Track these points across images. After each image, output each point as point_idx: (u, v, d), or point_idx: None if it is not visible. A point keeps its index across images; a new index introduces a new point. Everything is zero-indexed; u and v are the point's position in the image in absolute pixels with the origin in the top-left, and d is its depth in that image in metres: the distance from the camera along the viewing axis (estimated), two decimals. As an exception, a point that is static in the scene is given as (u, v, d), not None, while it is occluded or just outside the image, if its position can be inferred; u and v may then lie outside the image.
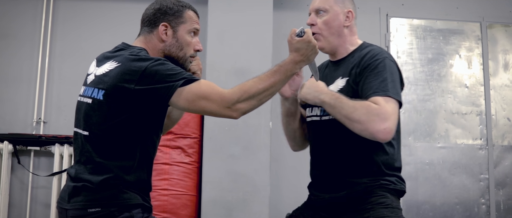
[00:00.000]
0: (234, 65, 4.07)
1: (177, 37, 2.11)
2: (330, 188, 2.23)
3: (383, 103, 2.05)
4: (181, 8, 2.13)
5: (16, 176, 4.30)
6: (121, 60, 1.96)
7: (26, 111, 4.40)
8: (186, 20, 2.12)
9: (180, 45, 2.12)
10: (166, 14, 2.10)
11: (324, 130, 2.25)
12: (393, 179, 2.20)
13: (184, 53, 2.13)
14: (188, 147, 3.93)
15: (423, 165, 4.55)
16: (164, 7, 2.11)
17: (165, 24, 2.10)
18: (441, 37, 4.73)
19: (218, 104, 1.91)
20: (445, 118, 4.63)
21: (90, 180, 1.93)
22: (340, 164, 2.21)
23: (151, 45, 2.11)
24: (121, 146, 1.96)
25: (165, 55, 2.10)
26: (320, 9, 2.30)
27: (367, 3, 4.74)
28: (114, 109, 1.93)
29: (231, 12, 4.16)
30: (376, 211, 2.10)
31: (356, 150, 2.18)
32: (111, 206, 1.91)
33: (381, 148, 2.19)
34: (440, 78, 4.67)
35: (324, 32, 2.28)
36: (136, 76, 1.89)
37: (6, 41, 4.48)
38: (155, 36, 2.11)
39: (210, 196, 3.90)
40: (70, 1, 4.57)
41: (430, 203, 4.49)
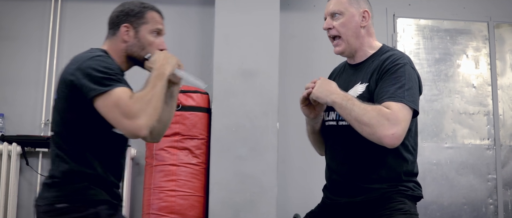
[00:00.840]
0: (241, 66, 4.08)
1: (139, 37, 2.15)
2: (347, 192, 2.20)
3: (396, 108, 2.02)
4: (143, 9, 2.18)
5: (25, 178, 4.32)
6: (71, 60, 2.07)
7: (34, 112, 4.42)
8: (148, 21, 2.17)
9: (142, 45, 2.15)
10: (128, 16, 2.16)
11: (341, 135, 2.22)
12: (411, 184, 2.19)
13: (146, 53, 2.16)
14: (196, 148, 3.93)
15: (431, 165, 4.54)
16: (126, 9, 2.18)
17: (127, 25, 2.15)
18: (448, 37, 4.72)
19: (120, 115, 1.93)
20: (453, 118, 4.62)
21: (57, 176, 2.02)
22: (357, 169, 2.18)
23: (114, 47, 2.16)
24: (77, 142, 2.02)
25: (127, 55, 2.16)
26: (336, 12, 2.26)
27: (374, 4, 4.69)
28: (62, 105, 2.03)
29: (237, 13, 4.16)
30: (394, 217, 2.09)
31: (374, 156, 2.14)
32: (76, 202, 1.98)
33: (399, 154, 2.16)
34: (448, 78, 4.66)
35: (342, 35, 2.26)
36: (76, 70, 1.97)
37: (15, 44, 4.50)
38: (117, 38, 2.16)
39: (218, 197, 3.91)
40: (78, 3, 4.59)
41: (438, 203, 4.49)
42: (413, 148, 2.25)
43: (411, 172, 2.21)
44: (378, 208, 2.11)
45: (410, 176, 2.20)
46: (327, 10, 2.29)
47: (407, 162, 2.19)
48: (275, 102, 4.03)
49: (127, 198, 4.08)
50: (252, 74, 4.05)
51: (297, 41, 4.57)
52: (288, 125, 4.32)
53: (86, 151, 2.02)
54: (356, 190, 2.16)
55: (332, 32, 2.26)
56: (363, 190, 2.15)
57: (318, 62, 4.47)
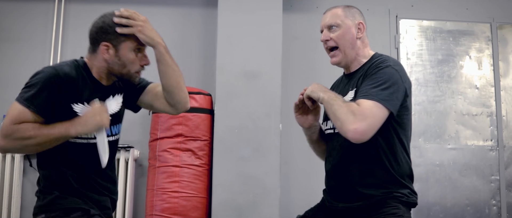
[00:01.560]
0: (243, 68, 4.08)
1: (119, 55, 2.11)
2: (344, 197, 2.26)
3: (365, 105, 2.08)
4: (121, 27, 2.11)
5: (28, 179, 4.32)
6: None
7: (38, 114, 4.43)
8: (127, 39, 2.11)
9: (122, 63, 2.12)
10: (107, 33, 2.10)
11: (338, 141, 2.27)
12: (406, 191, 2.22)
13: (128, 71, 2.13)
14: (199, 150, 3.93)
15: (434, 167, 4.53)
16: (105, 26, 2.11)
17: (106, 44, 2.10)
18: (451, 38, 4.72)
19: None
20: (456, 119, 4.61)
21: (40, 188, 2.11)
22: (354, 175, 2.23)
23: (95, 63, 2.14)
24: (47, 152, 2.06)
25: (109, 72, 2.14)
26: (332, 24, 2.33)
27: (377, 5, 4.73)
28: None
29: (240, 15, 4.17)
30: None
31: (369, 162, 2.20)
32: (52, 211, 2.04)
33: (393, 159, 2.21)
34: (450, 79, 4.66)
35: (340, 46, 2.32)
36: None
37: (18, 45, 4.51)
38: (98, 55, 2.12)
39: (221, 198, 3.91)
40: (81, 5, 4.60)
41: (441, 205, 4.48)
42: (407, 151, 2.29)
43: (406, 175, 2.25)
44: (373, 212, 2.16)
45: (405, 180, 2.25)
46: (323, 23, 2.37)
47: (400, 166, 2.23)
48: (278, 103, 4.03)
49: (130, 199, 4.09)
50: (255, 76, 4.05)
51: (299, 42, 4.57)
52: (291, 126, 4.31)
53: (55, 161, 2.08)
54: (352, 195, 2.22)
55: (330, 44, 2.33)
56: (359, 196, 2.20)
57: (321, 63, 4.46)
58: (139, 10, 4.58)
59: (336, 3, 4.70)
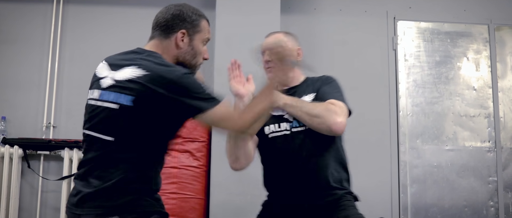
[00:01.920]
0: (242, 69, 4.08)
1: (193, 45, 2.14)
2: (309, 196, 2.46)
3: (340, 104, 2.45)
4: (198, 18, 2.16)
5: (26, 180, 4.33)
6: (148, 68, 1.96)
7: (36, 115, 4.44)
8: (202, 30, 2.16)
9: (194, 54, 2.15)
10: (185, 22, 2.12)
11: (299, 140, 2.48)
12: (350, 188, 2.59)
13: (196, 62, 2.16)
14: (197, 151, 3.94)
15: (431, 168, 4.54)
16: (183, 14, 2.13)
17: (184, 32, 2.11)
18: (449, 40, 4.72)
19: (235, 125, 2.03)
20: (453, 121, 4.62)
21: (109, 186, 1.91)
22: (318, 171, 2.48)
23: (166, 51, 2.11)
24: (144, 152, 1.96)
25: (178, 61, 2.12)
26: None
27: (374, 6, 4.74)
28: (142, 115, 1.93)
29: (238, 16, 4.17)
30: (349, 211, 2.44)
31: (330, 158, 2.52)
32: (128, 213, 1.90)
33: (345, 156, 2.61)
34: (448, 81, 4.67)
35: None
36: (168, 84, 1.91)
37: (16, 46, 4.52)
38: (171, 42, 2.12)
39: (219, 200, 3.91)
40: (79, 6, 4.60)
41: (439, 206, 4.49)
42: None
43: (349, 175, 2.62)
44: (335, 206, 2.45)
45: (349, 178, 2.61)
46: (265, 46, 2.65)
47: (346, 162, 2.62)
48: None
49: (128, 200, 4.09)
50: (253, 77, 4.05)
51: (297, 44, 4.58)
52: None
53: (149, 162, 1.99)
54: (320, 193, 2.47)
55: (272, 64, 2.47)
56: (326, 192, 2.47)
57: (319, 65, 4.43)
58: (138, 11, 4.64)
59: (333, 5, 4.73)
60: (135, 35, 4.22)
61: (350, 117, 2.53)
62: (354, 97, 4.19)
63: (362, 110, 4.55)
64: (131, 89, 1.94)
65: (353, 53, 4.64)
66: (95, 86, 2.09)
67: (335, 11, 4.73)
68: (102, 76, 2.08)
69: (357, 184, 4.35)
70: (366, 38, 4.70)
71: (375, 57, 4.67)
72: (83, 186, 1.98)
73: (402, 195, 4.46)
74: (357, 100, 4.45)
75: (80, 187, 1.99)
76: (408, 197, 4.46)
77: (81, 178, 2.02)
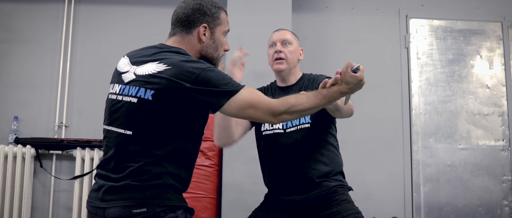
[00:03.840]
0: (253, 68, 4.07)
1: (214, 38, 2.16)
2: (302, 189, 2.63)
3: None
4: (218, 10, 2.18)
5: (39, 180, 4.34)
6: (172, 63, 1.96)
7: (48, 115, 4.45)
8: (222, 22, 2.19)
9: (216, 46, 2.17)
10: (205, 15, 2.14)
11: (289, 139, 2.67)
12: (344, 180, 2.73)
13: (218, 54, 2.18)
14: (208, 150, 3.93)
15: (445, 167, 4.51)
16: (203, 8, 2.14)
17: (205, 25, 2.13)
18: (462, 38, 4.69)
19: (264, 113, 2.03)
20: (467, 119, 4.58)
21: (134, 179, 1.91)
22: (311, 166, 2.64)
23: (189, 46, 2.13)
24: (166, 146, 1.95)
25: (201, 55, 2.14)
26: (287, 41, 2.85)
27: (386, 4, 4.71)
28: (163, 109, 1.93)
29: (249, 15, 4.16)
30: (342, 206, 2.58)
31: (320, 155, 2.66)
32: (156, 207, 1.90)
33: (337, 151, 2.74)
34: (461, 79, 4.63)
35: (288, 60, 2.81)
36: (192, 77, 1.92)
37: (29, 47, 4.54)
38: (193, 37, 2.13)
39: (230, 199, 3.90)
40: (90, 6, 4.61)
41: (452, 205, 4.45)
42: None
43: (342, 167, 2.75)
44: (328, 200, 2.59)
45: (342, 170, 2.74)
46: (277, 37, 2.86)
47: (339, 157, 2.75)
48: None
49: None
50: (264, 76, 4.03)
51: (309, 42, 4.56)
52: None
53: (172, 156, 1.96)
54: (310, 186, 2.62)
55: (282, 55, 2.80)
56: (316, 185, 2.61)
57: (331, 63, 4.45)
58: (149, 11, 4.65)
59: (344, 3, 4.71)
60: (147, 34, 4.24)
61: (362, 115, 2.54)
62: (366, 96, 4.19)
63: (374, 108, 4.54)
64: (153, 84, 1.94)
65: (365, 51, 4.62)
66: (116, 81, 2.09)
67: (347, 9, 4.71)
68: (124, 71, 2.08)
69: (370, 183, 4.35)
70: (378, 36, 4.68)
71: (387, 56, 4.64)
72: (107, 180, 1.97)
73: (415, 194, 4.43)
74: (369, 99, 4.46)
75: (104, 181, 1.99)
76: (421, 196, 4.44)
77: (103, 173, 2.01)
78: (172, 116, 1.94)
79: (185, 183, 2.05)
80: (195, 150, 2.09)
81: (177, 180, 1.98)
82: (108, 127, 2.05)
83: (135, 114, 1.96)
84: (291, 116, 2.09)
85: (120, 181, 1.93)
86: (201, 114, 2.05)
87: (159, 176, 1.93)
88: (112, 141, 2.01)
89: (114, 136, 2.00)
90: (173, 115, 1.94)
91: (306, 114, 2.16)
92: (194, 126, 2.04)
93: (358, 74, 2.10)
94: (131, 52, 2.17)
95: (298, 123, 2.66)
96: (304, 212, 2.62)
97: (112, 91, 2.08)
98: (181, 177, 2.01)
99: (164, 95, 1.92)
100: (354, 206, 2.62)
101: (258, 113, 2.01)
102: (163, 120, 1.93)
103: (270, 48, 2.88)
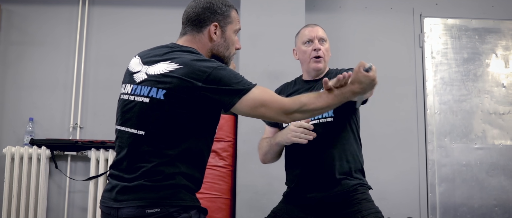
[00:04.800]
0: (266, 68, 4.07)
1: (225, 37, 2.15)
2: (321, 187, 2.59)
3: None
4: (228, 8, 2.17)
5: (54, 181, 4.37)
6: (183, 62, 1.96)
7: (63, 116, 4.48)
8: (233, 20, 2.17)
9: (227, 45, 2.16)
10: (216, 14, 2.13)
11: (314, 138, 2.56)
12: (365, 179, 2.68)
13: (229, 52, 2.17)
14: (222, 151, 3.93)
15: (460, 167, 4.47)
16: (214, 6, 2.13)
17: (216, 24, 2.12)
18: (477, 36, 4.65)
19: (276, 112, 2.01)
20: (482, 119, 4.54)
21: (147, 179, 1.91)
22: (329, 163, 2.59)
23: (200, 45, 2.12)
24: (179, 146, 1.94)
25: (212, 54, 2.13)
26: (323, 38, 2.79)
27: (400, 3, 4.69)
28: (176, 108, 1.92)
29: (263, 15, 4.16)
30: (362, 205, 2.54)
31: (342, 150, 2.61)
32: (170, 207, 1.90)
33: (359, 147, 2.69)
34: (476, 78, 4.60)
35: (326, 57, 2.78)
36: (204, 76, 1.91)
37: (43, 49, 4.57)
38: (204, 36, 2.12)
39: (245, 199, 3.90)
40: (104, 8, 4.63)
41: (468, 205, 4.42)
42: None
43: (363, 165, 2.70)
44: (347, 199, 2.55)
45: (362, 169, 2.69)
46: (316, 34, 2.78)
47: (360, 155, 2.69)
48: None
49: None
50: (278, 76, 4.03)
51: (323, 42, 4.55)
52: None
53: (184, 156, 1.96)
54: (331, 183, 2.57)
55: (320, 53, 2.74)
56: (336, 183, 2.56)
57: (344, 63, 4.41)
58: (162, 12, 4.66)
59: (358, 3, 4.69)
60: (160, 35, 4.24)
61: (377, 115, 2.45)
62: (381, 96, 4.17)
63: (389, 108, 4.52)
64: (165, 83, 1.93)
65: (379, 51, 4.59)
66: (128, 81, 2.09)
67: (361, 9, 4.69)
68: (136, 71, 2.08)
69: (384, 183, 4.33)
70: (392, 36, 4.65)
71: (401, 55, 4.61)
72: (120, 181, 1.97)
73: (430, 194, 4.40)
74: (384, 99, 4.43)
75: (117, 181, 1.99)
76: (437, 196, 4.40)
77: (116, 174, 2.01)
78: (184, 115, 1.93)
79: (198, 183, 2.05)
80: (207, 150, 2.08)
81: (190, 180, 1.98)
82: (120, 127, 2.05)
83: (147, 114, 1.95)
84: (303, 115, 2.06)
85: (133, 181, 1.93)
86: (213, 113, 2.04)
87: (172, 176, 1.92)
88: (125, 141, 2.01)
89: (127, 136, 2.00)
90: (185, 115, 1.93)
91: (318, 113, 2.13)
92: (206, 125, 2.03)
93: (370, 73, 2.07)
94: (143, 52, 2.17)
95: (321, 116, 2.59)
96: (324, 210, 2.58)
97: (124, 92, 2.08)
98: (194, 177, 2.00)
99: (176, 95, 1.92)
100: (374, 206, 2.58)
101: (270, 111, 1.99)
102: (175, 119, 1.93)
103: (306, 45, 2.78)
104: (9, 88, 4.51)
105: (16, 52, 4.56)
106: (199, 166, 2.04)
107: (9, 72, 4.53)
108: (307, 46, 2.77)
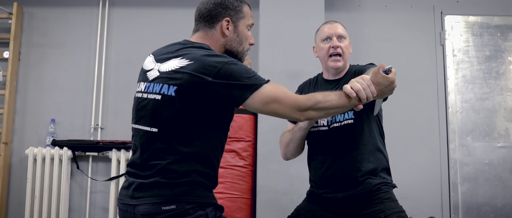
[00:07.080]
0: (286, 68, 4.06)
1: (238, 32, 2.14)
2: (346, 186, 2.55)
3: None
4: (240, 4, 2.16)
5: (76, 181, 4.40)
6: (194, 58, 1.96)
7: (84, 117, 4.51)
8: (245, 15, 2.16)
9: (240, 40, 2.15)
10: (228, 9, 2.12)
11: (333, 136, 2.59)
12: (389, 178, 2.64)
13: (243, 48, 2.16)
14: (242, 150, 3.93)
15: (483, 166, 4.42)
16: (225, 2, 2.13)
17: (228, 19, 2.11)
18: (499, 34, 4.59)
19: (289, 108, 1.98)
20: (505, 117, 4.49)
21: (163, 176, 1.91)
22: (351, 165, 2.55)
23: (212, 41, 2.12)
24: (192, 143, 1.94)
25: (225, 50, 2.13)
26: (342, 35, 2.71)
27: (421, 1, 4.65)
28: (186, 105, 1.92)
29: (282, 16, 4.15)
30: (385, 204, 2.49)
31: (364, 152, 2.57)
32: (186, 204, 1.89)
33: (383, 147, 2.65)
34: (499, 76, 4.54)
35: (345, 55, 2.70)
36: (214, 71, 1.90)
37: (64, 51, 4.61)
38: (217, 31, 2.12)
39: (265, 199, 3.90)
40: (124, 9, 4.66)
41: (491, 205, 4.36)
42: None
43: (388, 164, 2.66)
44: (370, 198, 2.52)
45: (388, 167, 2.65)
46: (334, 31, 2.71)
47: (385, 155, 2.65)
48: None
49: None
50: (297, 76, 4.01)
51: (342, 41, 4.53)
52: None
53: (198, 153, 1.95)
54: (353, 184, 2.54)
55: (339, 50, 2.67)
56: (359, 183, 2.53)
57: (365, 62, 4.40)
58: (180, 12, 4.67)
59: (378, 1, 4.65)
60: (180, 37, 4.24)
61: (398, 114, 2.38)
62: (402, 95, 4.14)
63: (410, 107, 4.48)
64: (176, 79, 1.94)
65: (400, 49, 4.56)
66: (142, 79, 2.11)
67: (380, 7, 4.66)
68: (149, 69, 2.10)
69: (406, 183, 4.29)
70: (413, 34, 4.61)
71: (422, 53, 4.57)
72: (136, 178, 1.98)
73: (452, 194, 4.35)
74: (405, 98, 4.40)
75: (133, 179, 2.00)
76: (459, 196, 4.36)
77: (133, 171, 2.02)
78: (196, 111, 1.93)
79: (213, 180, 2.04)
80: (221, 146, 2.07)
81: (205, 177, 1.97)
82: (135, 125, 2.06)
83: (159, 111, 1.96)
84: (318, 113, 2.02)
85: (149, 178, 1.93)
86: (225, 109, 2.02)
87: (188, 173, 1.92)
88: (140, 139, 2.02)
89: (141, 134, 2.01)
90: (197, 111, 1.93)
91: (334, 113, 2.09)
92: (219, 121, 2.02)
93: (390, 75, 2.04)
94: (156, 50, 2.18)
95: (342, 118, 2.56)
96: (347, 209, 2.56)
97: (138, 90, 2.09)
98: (209, 174, 1.99)
99: (187, 91, 1.91)
100: (398, 205, 2.53)
101: (283, 107, 1.97)
102: (187, 116, 1.92)
103: (324, 42, 2.72)
104: (31, 90, 4.56)
105: (38, 54, 4.61)
106: (213, 162, 2.03)
107: (31, 74, 4.58)
108: (326, 43, 2.71)
